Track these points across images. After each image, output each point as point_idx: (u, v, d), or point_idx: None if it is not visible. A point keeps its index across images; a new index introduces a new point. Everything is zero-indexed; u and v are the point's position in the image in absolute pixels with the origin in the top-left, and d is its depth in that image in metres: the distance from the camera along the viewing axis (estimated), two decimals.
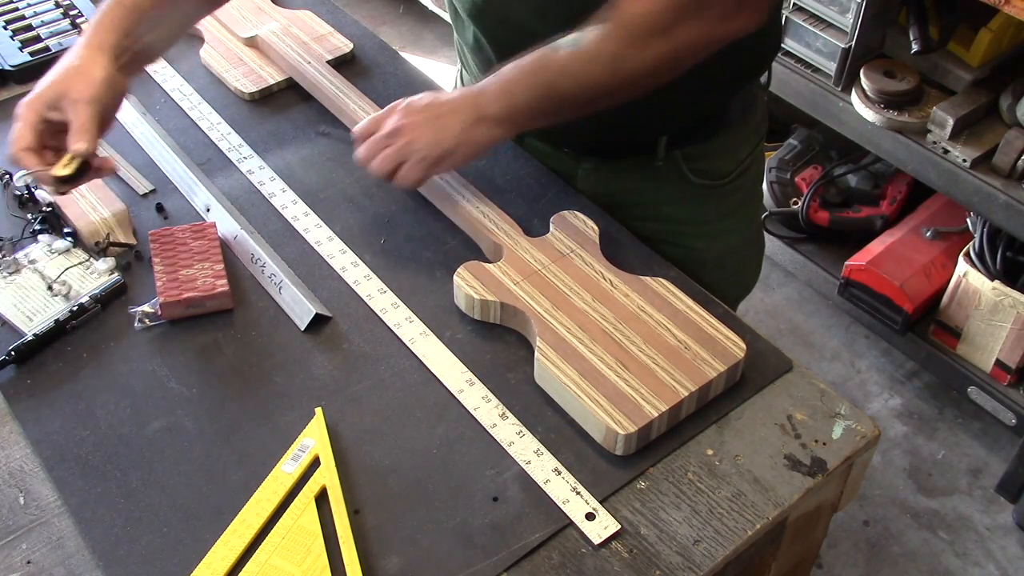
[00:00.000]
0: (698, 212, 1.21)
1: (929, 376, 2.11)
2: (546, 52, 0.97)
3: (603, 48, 0.95)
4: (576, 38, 0.95)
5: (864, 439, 0.91)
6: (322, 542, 0.82)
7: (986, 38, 1.74)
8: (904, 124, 1.80)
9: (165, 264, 1.01)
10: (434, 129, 0.99)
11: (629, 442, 0.87)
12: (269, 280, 1.03)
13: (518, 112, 0.99)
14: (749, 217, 1.31)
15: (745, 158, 1.22)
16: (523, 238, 1.04)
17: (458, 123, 0.99)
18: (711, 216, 1.22)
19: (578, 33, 0.96)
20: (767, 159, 2.25)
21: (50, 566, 0.82)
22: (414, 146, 0.99)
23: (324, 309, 1.00)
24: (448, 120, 0.99)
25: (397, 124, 1.00)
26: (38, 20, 1.38)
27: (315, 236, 1.09)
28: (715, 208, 1.22)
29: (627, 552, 0.82)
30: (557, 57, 0.96)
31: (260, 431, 0.91)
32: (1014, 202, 1.68)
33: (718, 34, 0.95)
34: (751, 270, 1.35)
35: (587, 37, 0.95)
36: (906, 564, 1.83)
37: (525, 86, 0.98)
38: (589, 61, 0.95)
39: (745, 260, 1.32)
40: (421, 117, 1.00)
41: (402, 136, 1.00)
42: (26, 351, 0.96)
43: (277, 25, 1.35)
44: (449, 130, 0.99)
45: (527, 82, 0.98)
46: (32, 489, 0.87)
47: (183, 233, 1.05)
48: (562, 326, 0.94)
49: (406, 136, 1.00)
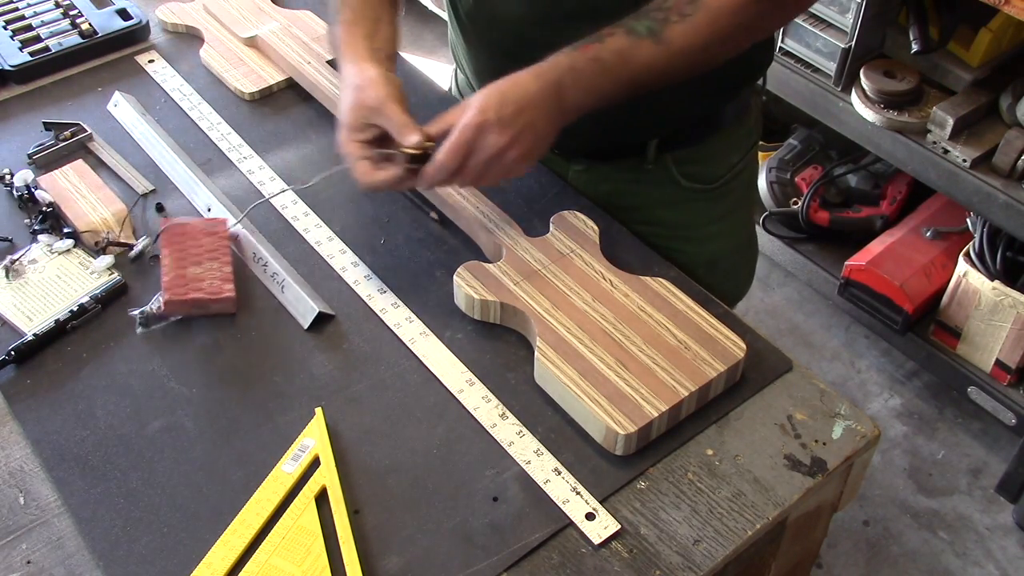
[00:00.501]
0: (688, 216, 1.21)
1: (929, 376, 2.11)
2: (622, 46, 0.94)
3: (692, 42, 0.94)
4: (651, 29, 0.94)
5: (864, 439, 0.91)
6: (322, 542, 0.82)
7: (986, 38, 1.74)
8: (904, 124, 1.80)
9: (175, 258, 1.01)
10: (534, 135, 0.94)
11: (629, 442, 0.87)
12: (271, 279, 1.03)
13: (594, 105, 0.97)
14: (741, 222, 1.30)
15: (737, 163, 1.21)
16: (523, 238, 1.04)
17: (548, 125, 0.95)
18: (701, 220, 1.21)
19: (649, 23, 0.94)
20: (767, 159, 2.25)
21: (50, 566, 0.82)
22: (522, 162, 0.95)
23: (327, 307, 1.00)
24: (541, 124, 0.94)
25: (500, 143, 0.92)
26: (38, 20, 1.38)
27: (315, 236, 1.09)
28: (705, 212, 1.21)
29: (627, 552, 0.82)
30: (640, 52, 0.94)
31: (260, 431, 0.91)
32: (1014, 202, 1.68)
33: (783, 22, 0.95)
34: (743, 275, 1.34)
35: (670, 30, 0.93)
36: (906, 564, 1.83)
37: (609, 81, 0.95)
38: (674, 54, 0.94)
39: (736, 265, 1.31)
40: (518, 127, 0.93)
41: (509, 153, 0.93)
42: (26, 351, 0.96)
43: (277, 25, 1.35)
44: (545, 134, 0.95)
45: (610, 77, 0.95)
46: (32, 489, 0.87)
47: (196, 228, 1.04)
48: (562, 326, 0.94)
49: (512, 151, 0.93)
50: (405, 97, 0.98)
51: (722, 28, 0.94)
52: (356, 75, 0.99)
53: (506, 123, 0.92)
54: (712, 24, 0.94)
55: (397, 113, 0.96)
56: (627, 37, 0.94)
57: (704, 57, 0.96)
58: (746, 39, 0.98)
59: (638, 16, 0.95)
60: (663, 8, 0.94)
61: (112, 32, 1.35)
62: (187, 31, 1.39)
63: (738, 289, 1.34)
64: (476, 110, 0.92)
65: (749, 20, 0.95)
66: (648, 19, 0.94)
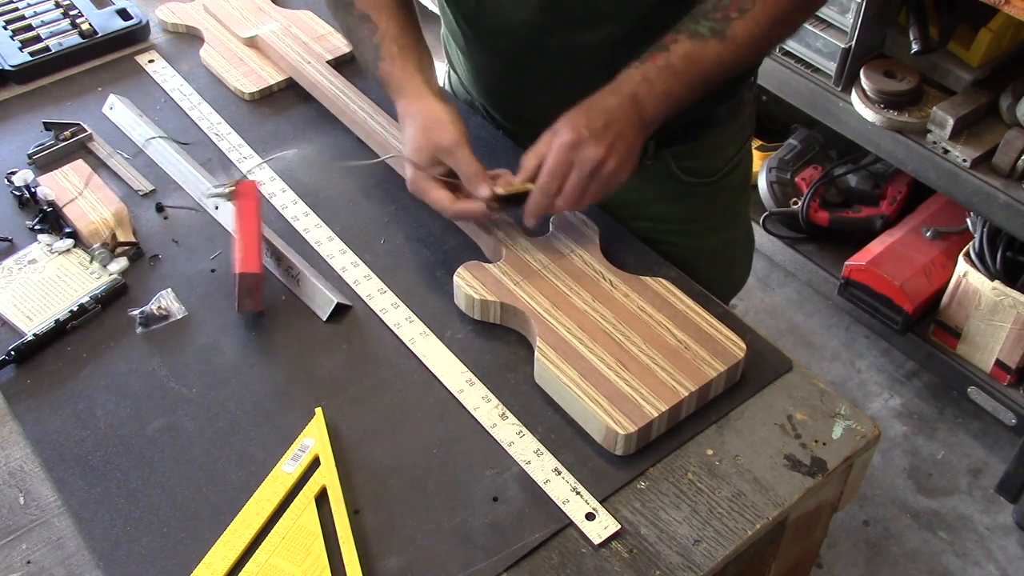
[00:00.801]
0: (687, 210, 1.22)
1: (929, 376, 2.11)
2: (689, 50, 0.96)
3: (755, 34, 0.96)
4: (714, 29, 0.96)
5: (864, 439, 0.91)
6: (322, 542, 0.82)
7: (986, 38, 1.74)
8: (904, 124, 1.80)
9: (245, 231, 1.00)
10: (625, 145, 0.95)
11: (629, 442, 0.87)
12: (286, 272, 1.03)
13: (673, 110, 0.99)
14: (738, 214, 1.32)
15: (733, 156, 1.23)
16: (523, 238, 1.04)
17: (635, 136, 0.96)
18: (700, 214, 1.23)
19: (710, 24, 0.96)
20: (767, 159, 2.25)
21: (50, 566, 0.82)
22: (620, 173, 0.96)
23: (344, 298, 1.00)
24: (629, 135, 0.96)
25: (598, 155, 0.94)
26: (38, 20, 1.38)
27: (315, 236, 1.09)
28: (704, 206, 1.23)
29: (627, 552, 0.82)
30: (707, 53, 0.96)
31: (260, 431, 0.91)
32: (1014, 202, 1.68)
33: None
34: (742, 267, 1.37)
35: (733, 27, 0.96)
36: (906, 564, 1.83)
37: (682, 85, 0.97)
38: (740, 48, 0.96)
39: (735, 257, 1.34)
40: (610, 138, 0.94)
41: (607, 164, 0.95)
42: (26, 351, 0.96)
43: (277, 25, 1.35)
44: (633, 145, 0.97)
45: (683, 81, 0.97)
46: (32, 489, 0.87)
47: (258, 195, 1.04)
48: (562, 326, 0.94)
49: (610, 162, 0.95)
50: (470, 135, 1.00)
51: (781, 15, 0.97)
52: (423, 112, 0.99)
53: (599, 135, 0.93)
54: (772, 13, 0.96)
55: (469, 160, 0.97)
56: (692, 41, 0.96)
57: (767, 46, 1.00)
58: (802, 19, 1.02)
59: (695, 19, 0.97)
60: (720, 7, 0.97)
61: (112, 32, 1.35)
62: (187, 31, 1.39)
63: (737, 281, 1.36)
64: (568, 129, 0.94)
65: (801, 2, 0.98)
66: (708, 20, 0.96)
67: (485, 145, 1.19)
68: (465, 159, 0.97)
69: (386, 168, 1.17)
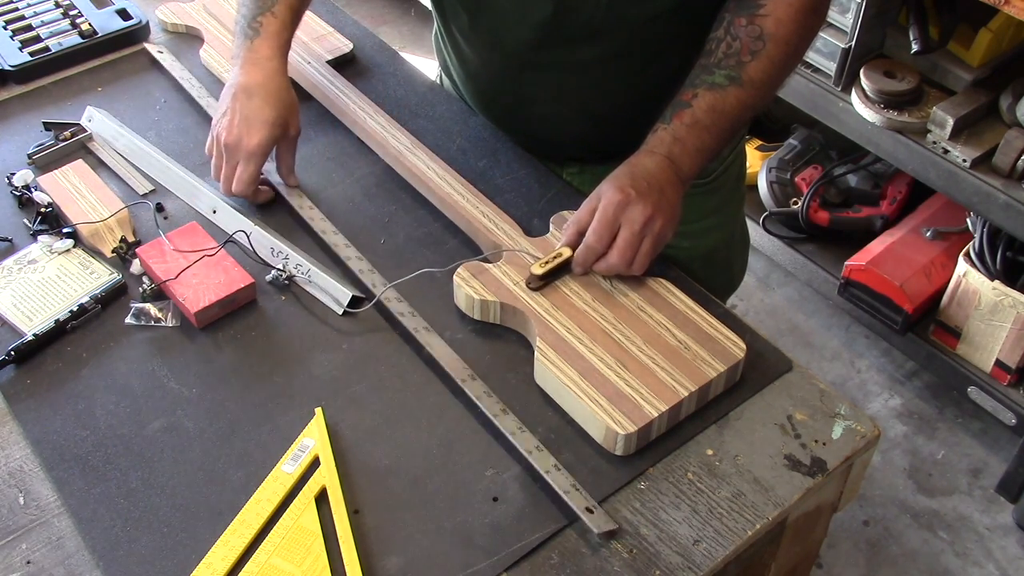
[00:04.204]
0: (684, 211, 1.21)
1: (929, 376, 2.11)
2: (712, 102, 0.98)
3: (771, 72, 0.99)
4: (731, 76, 0.98)
5: (864, 439, 0.91)
6: (322, 542, 0.82)
7: (986, 38, 1.74)
8: (904, 124, 1.80)
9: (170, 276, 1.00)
10: (669, 205, 0.97)
11: (629, 442, 0.87)
12: (296, 269, 1.03)
13: (706, 162, 1.02)
14: (732, 214, 1.33)
15: (727, 156, 1.24)
16: (523, 238, 1.04)
17: (675, 194, 0.99)
18: (697, 215, 1.23)
19: (725, 72, 0.98)
20: (767, 159, 2.25)
21: (50, 566, 0.82)
22: (667, 230, 0.97)
23: (357, 291, 1.01)
24: (670, 194, 0.98)
25: (647, 213, 0.95)
26: (38, 20, 1.38)
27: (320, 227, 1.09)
28: (700, 207, 1.23)
29: (627, 552, 0.82)
30: (729, 100, 0.98)
31: (260, 431, 0.91)
32: (1014, 202, 1.67)
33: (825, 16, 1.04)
34: (738, 266, 1.38)
35: (747, 71, 0.98)
36: (906, 564, 1.83)
37: (712, 137, 1.00)
38: (760, 88, 0.99)
39: (731, 257, 1.35)
40: (655, 197, 0.96)
41: (655, 221, 0.96)
42: (26, 351, 0.96)
43: None
44: (675, 204, 0.99)
45: (712, 133, 0.99)
46: (32, 489, 0.87)
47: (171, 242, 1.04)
48: (562, 326, 0.94)
49: (658, 219, 0.96)
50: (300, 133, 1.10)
51: (791, 48, 0.99)
52: (254, 103, 1.06)
53: (644, 195, 0.96)
54: (783, 49, 0.98)
55: (252, 174, 1.06)
56: (712, 92, 0.98)
57: (785, 76, 1.02)
58: (807, 47, 1.04)
59: (709, 71, 0.99)
60: (731, 54, 0.98)
61: (112, 32, 1.35)
62: (187, 31, 1.39)
63: (734, 280, 1.37)
64: (614, 190, 0.96)
65: (808, 30, 1.00)
66: (722, 69, 0.98)
67: (486, 145, 1.19)
68: (249, 172, 1.06)
69: (386, 168, 1.17)
